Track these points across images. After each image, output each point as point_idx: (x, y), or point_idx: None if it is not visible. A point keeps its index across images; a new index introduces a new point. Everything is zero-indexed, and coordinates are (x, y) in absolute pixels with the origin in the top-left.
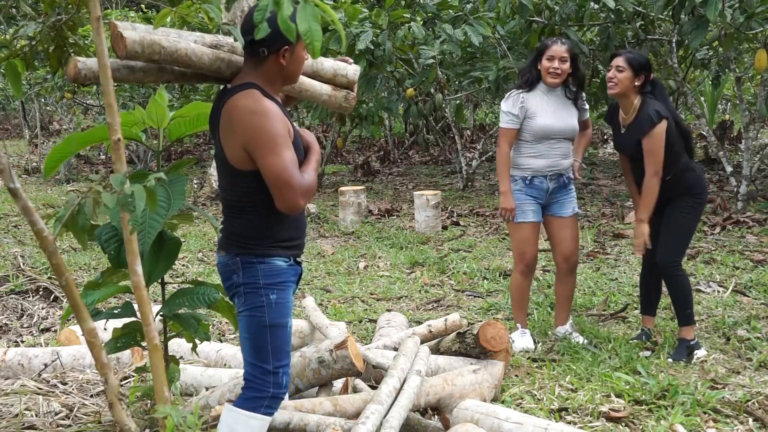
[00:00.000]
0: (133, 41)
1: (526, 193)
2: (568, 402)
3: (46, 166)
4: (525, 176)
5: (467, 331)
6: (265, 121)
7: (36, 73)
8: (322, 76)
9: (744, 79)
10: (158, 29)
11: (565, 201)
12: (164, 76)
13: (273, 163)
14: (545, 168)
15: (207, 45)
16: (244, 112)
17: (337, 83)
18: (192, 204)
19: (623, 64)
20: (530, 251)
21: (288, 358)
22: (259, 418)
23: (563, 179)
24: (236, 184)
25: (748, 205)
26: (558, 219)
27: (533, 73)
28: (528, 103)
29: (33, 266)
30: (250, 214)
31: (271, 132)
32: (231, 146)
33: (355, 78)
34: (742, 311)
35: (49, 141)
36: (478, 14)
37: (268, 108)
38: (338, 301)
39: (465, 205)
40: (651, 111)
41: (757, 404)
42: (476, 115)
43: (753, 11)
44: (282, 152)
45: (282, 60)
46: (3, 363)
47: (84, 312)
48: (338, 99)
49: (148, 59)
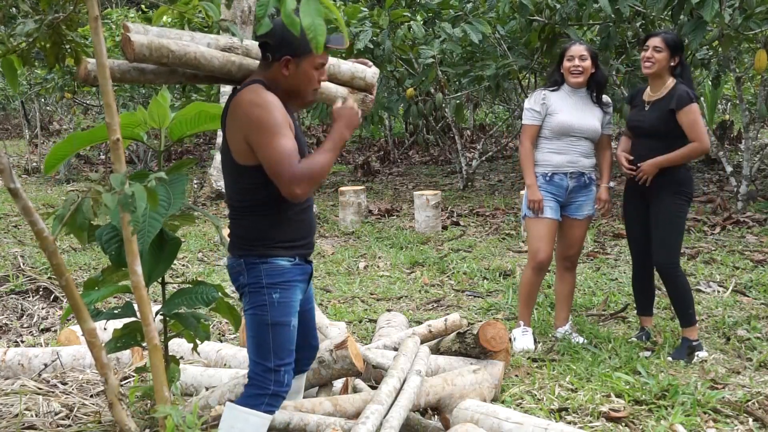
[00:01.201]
0: (141, 45)
1: (546, 190)
2: (568, 402)
3: (46, 163)
4: (545, 172)
5: (467, 331)
6: (263, 111)
7: (36, 73)
8: (339, 78)
9: (744, 79)
10: (171, 32)
11: (583, 203)
12: (175, 78)
13: (269, 151)
14: (565, 164)
15: (220, 48)
16: (245, 105)
17: (355, 86)
18: (192, 204)
19: (661, 45)
20: (545, 249)
21: (290, 356)
22: (259, 416)
23: (584, 179)
24: (239, 181)
25: (748, 205)
26: (572, 220)
27: (557, 75)
28: (550, 101)
29: (33, 266)
30: (253, 215)
31: (269, 121)
32: (234, 140)
33: (373, 81)
34: (742, 311)
35: (49, 141)
36: (477, 12)
37: (268, 99)
38: (338, 301)
39: (465, 205)
40: (686, 90)
41: (757, 404)
42: (476, 115)
43: (752, 11)
44: (278, 140)
45: (284, 70)
46: (3, 363)
47: (84, 312)
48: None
49: (156, 62)
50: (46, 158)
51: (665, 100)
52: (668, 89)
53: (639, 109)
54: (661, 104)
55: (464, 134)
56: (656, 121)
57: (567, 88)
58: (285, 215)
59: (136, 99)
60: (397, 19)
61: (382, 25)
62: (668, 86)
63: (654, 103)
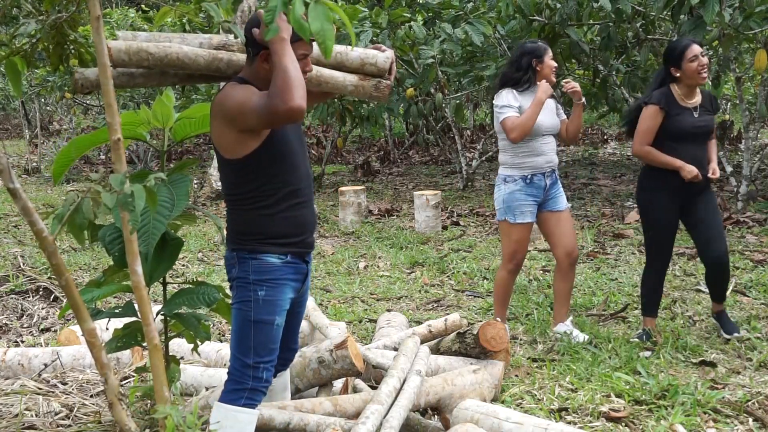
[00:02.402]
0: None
1: (527, 193)
2: (568, 402)
3: (54, 172)
4: (525, 175)
5: (467, 331)
6: (229, 93)
7: (36, 73)
8: (348, 66)
9: (744, 79)
10: (160, 36)
11: (557, 196)
12: (167, 80)
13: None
14: (544, 164)
15: (213, 46)
16: (221, 97)
17: (366, 72)
18: (192, 204)
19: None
20: (522, 251)
21: (272, 355)
22: (246, 412)
23: (555, 174)
24: (229, 175)
25: (748, 205)
26: (555, 214)
27: (530, 75)
28: (522, 101)
29: (33, 266)
30: (241, 207)
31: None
32: (217, 133)
33: (385, 66)
34: (742, 311)
35: (49, 141)
36: (478, 13)
37: (236, 86)
38: (338, 301)
39: (465, 205)
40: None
41: (757, 404)
42: (476, 115)
43: (752, 11)
44: (250, 100)
45: (264, 63)
46: (3, 363)
47: (84, 312)
48: (367, 89)
49: (138, 66)
50: (54, 168)
51: (706, 103)
52: (698, 93)
53: (688, 116)
54: (706, 107)
55: (464, 134)
56: (713, 124)
57: (532, 89)
58: (276, 209)
59: (137, 99)
60: (396, 19)
61: (382, 25)
62: (698, 91)
63: (699, 107)
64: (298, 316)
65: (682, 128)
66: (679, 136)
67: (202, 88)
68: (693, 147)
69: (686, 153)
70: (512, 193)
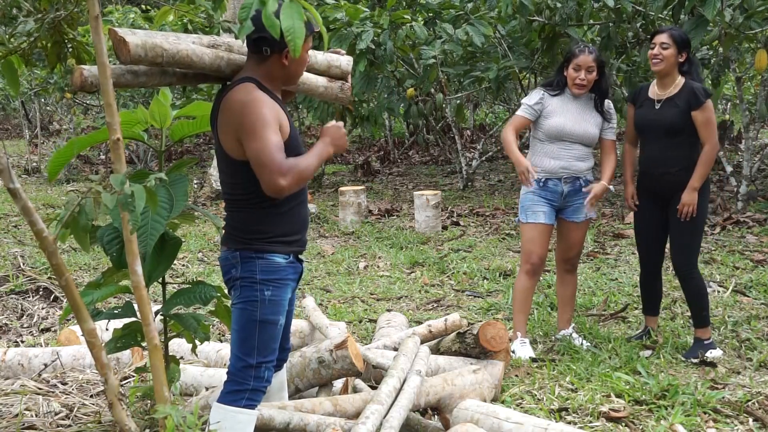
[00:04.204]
0: (136, 45)
1: (540, 195)
2: (568, 402)
3: (49, 170)
4: (539, 178)
5: (467, 331)
6: (252, 108)
7: (37, 73)
8: (316, 68)
9: (744, 79)
10: (157, 34)
11: (580, 206)
12: (166, 79)
13: (255, 145)
14: (559, 169)
15: (205, 45)
16: (236, 104)
17: (332, 75)
18: (192, 204)
19: (668, 41)
20: (537, 252)
21: (273, 354)
22: (246, 413)
23: (579, 183)
24: (233, 176)
25: (748, 205)
26: (570, 223)
27: (560, 79)
28: (548, 102)
29: (33, 266)
30: (247, 207)
31: (257, 117)
32: (226, 138)
33: (348, 68)
34: (742, 311)
35: (49, 141)
36: (479, 13)
37: (258, 97)
38: (338, 301)
39: (465, 205)
40: (700, 86)
41: (757, 404)
42: (476, 115)
43: (753, 11)
44: (264, 135)
45: (284, 60)
46: (3, 363)
47: (84, 312)
48: (334, 90)
49: (151, 62)
50: (49, 166)
51: (679, 96)
52: (679, 86)
53: (648, 108)
54: (676, 101)
55: (464, 134)
56: (675, 119)
57: (569, 93)
58: (280, 209)
59: (136, 99)
60: (398, 19)
61: (383, 25)
62: (678, 83)
63: (666, 100)
64: (290, 316)
65: (636, 121)
66: (638, 130)
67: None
68: (652, 142)
69: (648, 148)
70: (527, 194)
